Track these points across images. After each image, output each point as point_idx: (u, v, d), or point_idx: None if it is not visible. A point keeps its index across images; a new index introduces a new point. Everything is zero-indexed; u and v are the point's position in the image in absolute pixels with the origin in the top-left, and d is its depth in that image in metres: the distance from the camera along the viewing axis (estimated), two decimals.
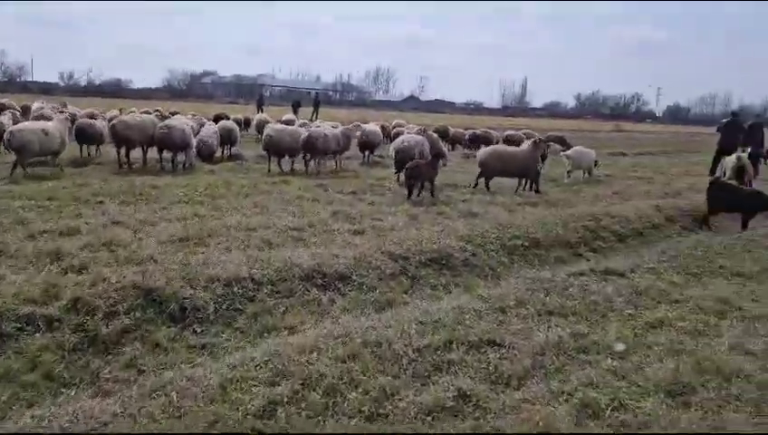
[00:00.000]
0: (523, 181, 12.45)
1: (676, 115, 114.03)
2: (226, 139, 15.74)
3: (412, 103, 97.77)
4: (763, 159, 19.28)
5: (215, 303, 5.20)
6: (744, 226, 10.09)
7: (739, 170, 13.14)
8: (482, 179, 12.25)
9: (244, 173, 12.94)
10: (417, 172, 11.11)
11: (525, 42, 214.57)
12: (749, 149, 15.07)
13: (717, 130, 17.57)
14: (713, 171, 16.16)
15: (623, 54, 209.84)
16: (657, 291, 6.03)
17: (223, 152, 15.86)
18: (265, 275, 5.71)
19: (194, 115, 20.69)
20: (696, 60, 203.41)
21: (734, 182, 12.60)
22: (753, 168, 14.05)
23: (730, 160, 13.61)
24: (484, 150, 12.95)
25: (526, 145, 13.11)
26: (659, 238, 9.50)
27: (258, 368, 3.95)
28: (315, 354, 4.14)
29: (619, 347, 4.45)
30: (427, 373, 4.03)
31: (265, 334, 4.91)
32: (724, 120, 17.92)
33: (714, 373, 4.03)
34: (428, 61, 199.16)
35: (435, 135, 17.16)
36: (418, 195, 10.83)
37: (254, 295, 5.45)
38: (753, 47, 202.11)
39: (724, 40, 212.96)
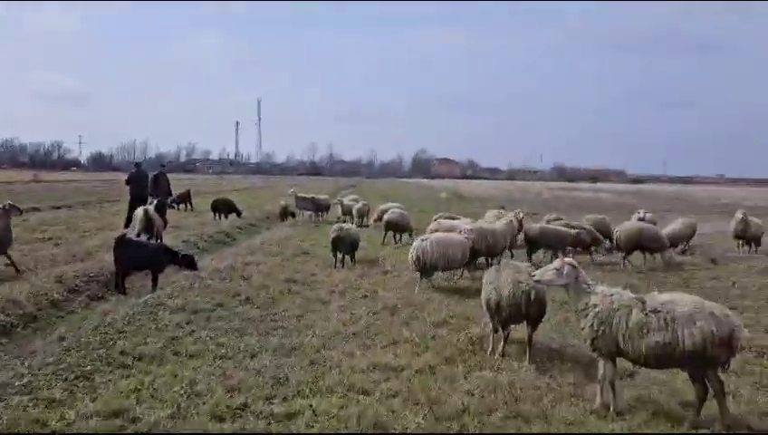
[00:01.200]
0: None
1: (100, 162, 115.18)
2: None
3: None
4: (172, 207, 20.21)
5: None
6: (155, 283, 9.60)
7: (148, 223, 12.87)
8: None
9: None
10: None
11: None
12: (155, 201, 15.10)
13: (127, 183, 16.93)
14: (127, 224, 15.51)
15: (43, 102, 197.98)
16: None
17: None
18: None
19: None
20: (115, 112, 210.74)
21: (142, 237, 12.21)
22: (162, 218, 14.06)
23: (138, 214, 13.14)
24: None
25: None
26: (59, 319, 7.95)
27: None
28: None
29: None
30: None
31: None
32: (132, 171, 17.30)
33: None
34: None
35: None
36: None
37: None
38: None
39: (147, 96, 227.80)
